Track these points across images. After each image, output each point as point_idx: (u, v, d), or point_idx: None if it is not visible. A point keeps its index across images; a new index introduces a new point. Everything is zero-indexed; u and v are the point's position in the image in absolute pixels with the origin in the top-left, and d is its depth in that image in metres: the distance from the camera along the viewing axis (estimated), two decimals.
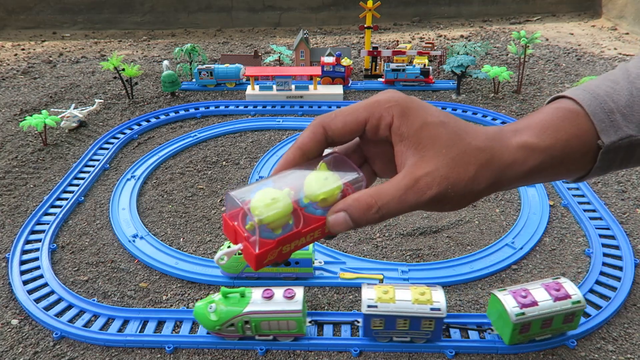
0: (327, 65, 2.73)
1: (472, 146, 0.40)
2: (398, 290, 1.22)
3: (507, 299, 1.19)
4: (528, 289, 1.21)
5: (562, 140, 0.40)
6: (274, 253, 0.39)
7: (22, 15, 4.31)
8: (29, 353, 1.26)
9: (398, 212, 0.39)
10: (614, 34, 3.82)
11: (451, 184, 0.39)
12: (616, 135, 0.40)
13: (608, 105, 0.40)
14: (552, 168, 0.41)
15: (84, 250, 1.62)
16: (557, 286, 1.21)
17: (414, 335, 1.23)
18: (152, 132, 2.39)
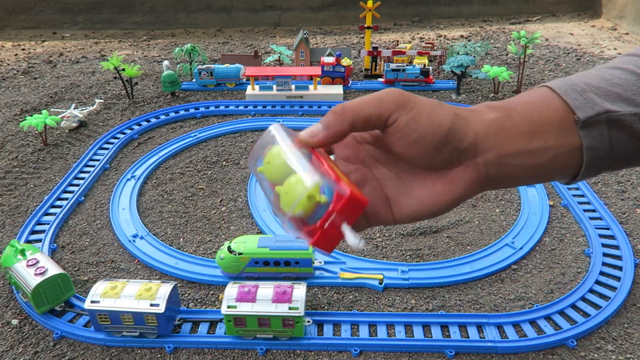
0: (327, 65, 2.73)
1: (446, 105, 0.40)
2: (128, 285, 1.26)
3: (232, 290, 1.24)
4: (259, 286, 1.26)
5: (524, 102, 0.40)
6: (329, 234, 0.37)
7: (22, 15, 4.31)
8: (29, 353, 1.26)
9: (360, 109, 0.38)
10: (614, 34, 3.82)
11: (414, 98, 0.38)
12: (592, 110, 0.38)
13: (579, 86, 0.40)
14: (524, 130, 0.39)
15: (84, 250, 1.62)
16: (286, 289, 1.25)
17: (143, 330, 1.25)
18: (152, 132, 2.40)
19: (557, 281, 1.45)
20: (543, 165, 0.39)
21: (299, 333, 1.25)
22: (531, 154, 0.39)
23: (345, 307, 1.38)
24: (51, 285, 1.33)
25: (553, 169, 0.40)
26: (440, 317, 1.32)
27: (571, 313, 1.33)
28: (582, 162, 0.39)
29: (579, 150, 0.39)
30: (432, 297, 1.41)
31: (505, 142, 0.39)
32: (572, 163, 0.39)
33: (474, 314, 1.34)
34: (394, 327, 1.31)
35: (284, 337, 1.26)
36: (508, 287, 1.44)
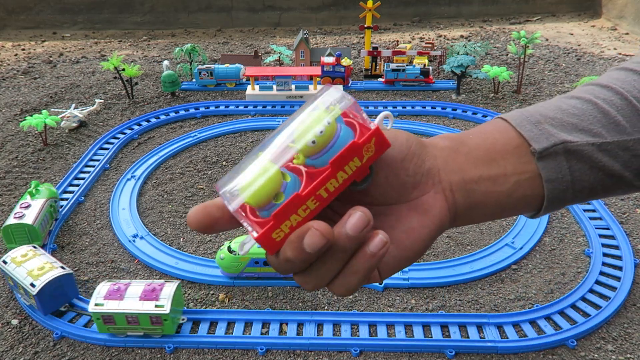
0: (327, 65, 2.73)
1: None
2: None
3: (103, 289, 1.26)
4: (130, 284, 1.28)
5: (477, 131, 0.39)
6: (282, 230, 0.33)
7: (22, 15, 4.31)
8: (29, 353, 1.26)
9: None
10: (613, 34, 3.82)
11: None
12: (548, 141, 0.37)
13: (534, 117, 0.39)
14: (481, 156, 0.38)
15: (84, 250, 1.62)
16: (155, 287, 1.26)
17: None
18: (152, 132, 2.40)
19: (557, 281, 1.45)
20: (507, 193, 0.38)
21: (169, 330, 1.26)
22: (493, 180, 0.38)
23: (345, 307, 1.38)
24: (19, 230, 1.55)
25: (518, 198, 0.38)
26: (440, 317, 1.32)
27: (571, 313, 1.33)
28: (543, 196, 0.38)
29: (539, 178, 0.37)
30: (432, 297, 1.41)
31: (464, 166, 0.38)
32: (535, 192, 0.38)
33: (474, 314, 1.34)
34: (394, 327, 1.31)
35: (156, 335, 1.27)
36: (508, 287, 1.44)
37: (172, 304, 1.24)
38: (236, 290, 1.44)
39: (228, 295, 1.43)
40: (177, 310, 1.30)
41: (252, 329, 1.31)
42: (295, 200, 0.33)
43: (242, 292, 1.44)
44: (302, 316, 1.34)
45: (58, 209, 1.75)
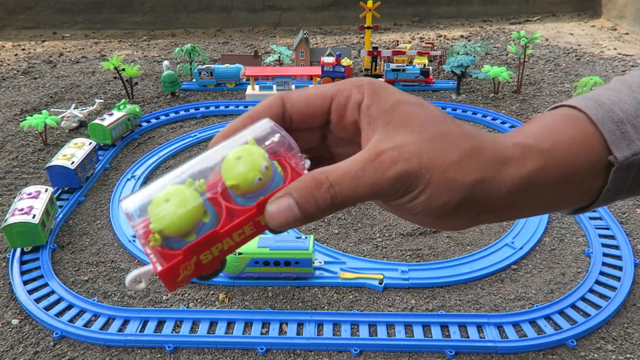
0: (327, 65, 2.73)
1: (456, 130, 0.32)
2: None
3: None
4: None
5: (564, 143, 0.33)
6: (188, 266, 0.29)
7: (22, 15, 4.31)
8: (29, 353, 1.26)
9: (354, 194, 0.30)
10: (613, 34, 3.82)
11: (425, 164, 0.30)
12: (629, 149, 0.33)
13: (616, 114, 0.34)
14: (558, 179, 0.33)
15: (84, 250, 1.62)
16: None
17: None
18: (152, 132, 2.39)
19: (557, 281, 1.45)
20: (553, 208, 0.35)
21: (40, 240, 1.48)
22: (546, 203, 0.34)
23: (345, 307, 1.38)
24: (98, 129, 2.16)
25: (560, 208, 0.36)
26: (440, 317, 1.32)
27: (571, 313, 1.33)
28: (593, 200, 0.35)
29: (597, 190, 0.34)
30: (432, 297, 1.41)
31: (525, 200, 0.33)
32: (584, 201, 0.35)
33: (474, 314, 1.34)
34: (394, 327, 1.31)
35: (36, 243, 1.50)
36: (508, 287, 1.44)
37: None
38: (236, 290, 1.44)
39: (228, 295, 1.43)
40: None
41: (252, 329, 1.31)
42: (211, 237, 0.30)
43: (242, 292, 1.44)
44: (302, 316, 1.34)
45: (135, 123, 2.30)
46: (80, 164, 1.87)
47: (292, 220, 0.31)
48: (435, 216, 0.32)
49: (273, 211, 0.31)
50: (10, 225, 1.51)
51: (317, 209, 0.31)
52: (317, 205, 0.31)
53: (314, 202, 0.30)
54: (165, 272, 0.29)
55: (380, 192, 0.31)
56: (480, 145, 0.32)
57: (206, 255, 0.30)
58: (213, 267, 0.31)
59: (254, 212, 0.31)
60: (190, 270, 0.30)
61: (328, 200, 0.30)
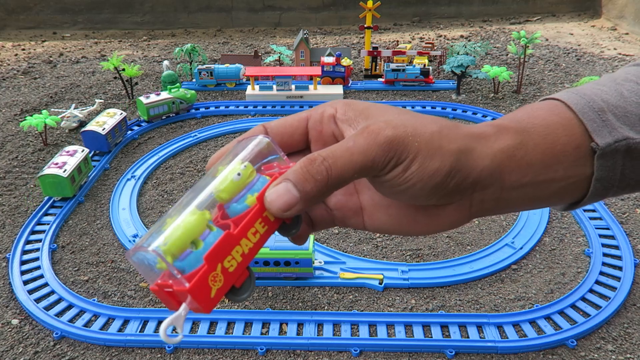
0: (327, 65, 2.73)
1: (432, 117, 0.35)
2: None
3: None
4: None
5: (541, 125, 0.34)
6: (217, 277, 0.29)
7: (22, 15, 4.31)
8: (29, 353, 1.26)
9: (349, 163, 0.31)
10: (613, 34, 3.82)
11: (411, 133, 0.32)
12: (611, 136, 0.33)
13: (597, 104, 0.35)
14: (538, 159, 0.34)
15: (84, 250, 1.62)
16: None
17: None
18: (152, 132, 2.40)
19: (557, 281, 1.45)
20: (546, 197, 0.35)
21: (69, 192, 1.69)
22: (536, 186, 0.35)
23: (345, 307, 1.38)
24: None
25: (554, 199, 0.36)
26: (440, 317, 1.32)
27: (571, 313, 1.33)
28: (587, 192, 0.35)
29: (587, 180, 0.34)
30: (432, 297, 1.41)
31: (511, 175, 0.34)
32: (576, 193, 0.35)
33: (474, 314, 1.34)
34: (394, 327, 1.31)
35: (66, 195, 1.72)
36: (508, 287, 1.44)
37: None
38: None
39: None
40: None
41: (252, 329, 1.31)
42: (227, 239, 0.30)
43: None
44: (302, 316, 1.34)
45: (181, 107, 2.48)
46: (110, 130, 2.14)
47: (292, 201, 0.31)
48: (431, 191, 0.33)
49: (272, 196, 0.32)
50: (44, 175, 1.78)
51: (315, 184, 0.31)
52: (314, 181, 0.31)
53: (310, 178, 0.31)
54: (195, 287, 0.28)
55: (375, 160, 0.31)
56: (454, 124, 0.34)
57: (230, 262, 0.30)
58: (243, 277, 0.31)
59: (258, 206, 0.31)
60: (221, 282, 0.30)
61: (324, 172, 0.31)
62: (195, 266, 0.29)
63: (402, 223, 0.37)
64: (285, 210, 0.32)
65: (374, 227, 0.38)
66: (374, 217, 0.37)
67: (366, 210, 0.38)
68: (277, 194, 0.32)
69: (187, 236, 0.29)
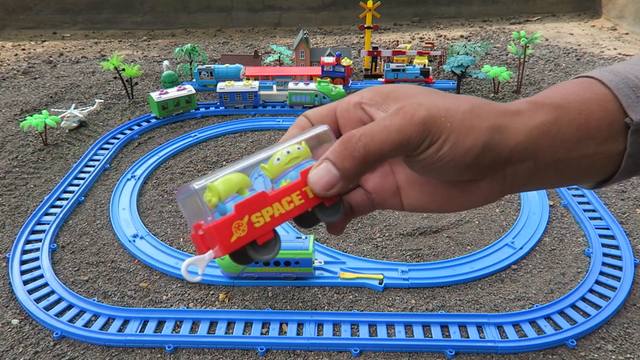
0: (327, 65, 2.73)
1: (465, 97, 0.35)
2: None
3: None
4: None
5: (576, 101, 0.34)
6: (241, 226, 0.32)
7: (22, 15, 4.31)
8: (29, 353, 1.26)
9: (386, 140, 0.33)
10: (614, 34, 3.82)
11: (443, 114, 0.33)
12: None
13: (632, 80, 0.35)
14: (573, 135, 0.34)
15: (84, 250, 1.62)
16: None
17: None
18: (152, 132, 2.40)
19: (557, 281, 1.45)
20: (576, 172, 0.35)
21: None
22: (569, 162, 0.35)
23: (345, 307, 1.38)
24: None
25: (585, 175, 0.36)
26: (440, 317, 1.32)
27: (571, 313, 1.33)
28: (617, 168, 0.35)
29: (619, 155, 0.35)
30: (432, 297, 1.41)
31: (545, 151, 0.34)
32: (607, 170, 0.36)
33: (474, 314, 1.34)
34: (394, 327, 1.31)
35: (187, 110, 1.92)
36: (508, 287, 1.43)
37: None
38: (236, 290, 1.44)
39: (228, 295, 1.43)
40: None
41: (252, 329, 1.31)
42: (260, 197, 0.32)
43: (242, 292, 1.44)
44: (302, 316, 1.34)
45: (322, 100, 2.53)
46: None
47: (333, 180, 0.34)
48: (464, 168, 0.34)
49: (314, 178, 0.34)
50: (150, 96, 2.42)
51: (354, 162, 0.33)
52: (352, 158, 0.33)
53: (348, 156, 0.33)
54: (217, 227, 0.31)
55: (410, 139, 0.33)
56: (488, 102, 0.35)
57: (258, 218, 0.33)
58: (267, 237, 0.33)
59: (299, 180, 0.34)
60: (244, 232, 0.32)
61: (361, 149, 0.33)
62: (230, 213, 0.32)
63: (437, 200, 0.38)
64: (327, 190, 0.34)
65: (411, 206, 0.39)
66: (410, 195, 0.39)
67: (403, 190, 0.39)
68: (318, 175, 0.34)
69: (234, 184, 0.33)
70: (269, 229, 0.33)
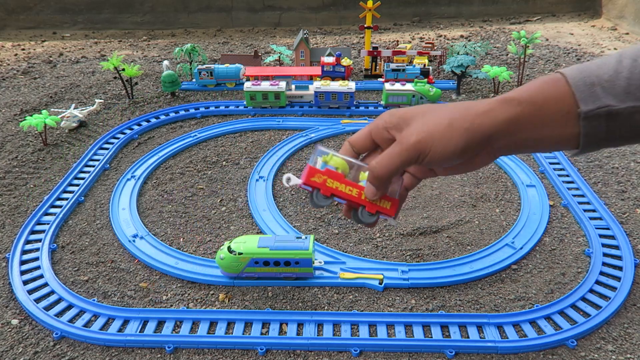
0: (327, 65, 2.73)
1: (446, 107, 0.51)
2: None
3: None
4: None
5: (541, 98, 0.47)
6: (321, 177, 0.55)
7: (22, 15, 4.31)
8: (29, 353, 1.26)
9: (392, 165, 0.51)
10: (614, 34, 3.82)
11: (428, 135, 0.49)
12: (594, 104, 0.44)
13: (590, 78, 0.45)
14: (535, 123, 0.47)
15: (84, 250, 1.62)
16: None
17: None
18: (152, 132, 2.40)
19: (557, 281, 1.45)
20: (548, 146, 0.48)
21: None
22: (537, 141, 0.48)
23: (345, 307, 1.38)
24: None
25: (555, 147, 0.49)
26: (440, 317, 1.32)
27: (571, 313, 1.33)
28: (577, 146, 0.47)
29: (578, 136, 0.46)
30: (432, 297, 1.41)
31: (514, 133, 0.47)
32: (571, 145, 0.48)
33: (474, 314, 1.34)
34: (394, 327, 1.31)
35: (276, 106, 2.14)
36: (508, 287, 1.43)
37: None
38: (236, 290, 1.44)
39: (228, 295, 1.43)
40: None
41: (252, 329, 1.31)
42: (335, 174, 0.55)
43: (242, 292, 1.44)
44: (302, 316, 1.34)
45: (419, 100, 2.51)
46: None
47: (373, 191, 0.54)
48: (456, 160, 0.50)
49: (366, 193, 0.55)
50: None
51: (378, 181, 0.53)
52: (376, 179, 0.53)
53: (373, 178, 0.53)
54: (310, 168, 0.56)
55: (408, 158, 0.50)
56: (465, 109, 0.49)
57: (331, 183, 0.56)
58: (326, 193, 0.56)
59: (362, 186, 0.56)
60: (320, 180, 0.55)
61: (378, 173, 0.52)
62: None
63: (454, 169, 0.54)
64: (371, 197, 0.55)
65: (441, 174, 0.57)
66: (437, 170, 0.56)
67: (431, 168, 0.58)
68: (367, 190, 0.55)
69: (342, 163, 0.56)
70: (331, 191, 0.55)
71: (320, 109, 2.56)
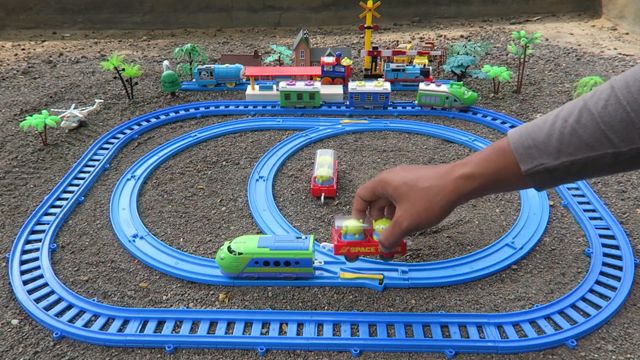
0: (327, 65, 2.73)
1: (423, 189, 0.74)
2: None
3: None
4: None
5: (492, 169, 0.65)
6: (346, 249, 0.80)
7: (22, 15, 4.31)
8: (29, 353, 1.26)
9: (392, 238, 0.81)
10: (614, 34, 3.82)
11: (416, 217, 0.76)
12: (532, 163, 0.60)
13: (528, 142, 0.61)
14: (493, 187, 0.66)
15: (84, 250, 1.62)
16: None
17: None
18: (152, 132, 2.40)
19: (557, 281, 1.45)
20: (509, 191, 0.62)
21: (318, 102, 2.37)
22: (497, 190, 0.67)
23: (345, 307, 1.38)
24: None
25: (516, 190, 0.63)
26: (440, 317, 1.32)
27: (571, 313, 1.33)
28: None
29: (528, 184, 0.63)
30: (432, 297, 1.41)
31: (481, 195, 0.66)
32: (530, 187, 0.65)
33: (474, 314, 1.34)
34: (394, 327, 1.30)
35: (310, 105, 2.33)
36: (508, 287, 1.43)
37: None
38: (236, 290, 1.44)
39: (228, 295, 1.43)
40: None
41: (252, 329, 1.31)
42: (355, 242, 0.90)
43: (242, 292, 1.44)
44: (302, 316, 1.34)
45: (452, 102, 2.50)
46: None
47: (384, 250, 0.91)
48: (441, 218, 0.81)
49: (380, 247, 0.88)
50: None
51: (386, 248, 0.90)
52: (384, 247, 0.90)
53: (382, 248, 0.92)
54: (337, 245, 0.93)
55: (405, 234, 0.83)
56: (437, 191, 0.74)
57: (354, 249, 0.87)
58: (353, 255, 0.94)
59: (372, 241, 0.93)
60: (345, 251, 0.92)
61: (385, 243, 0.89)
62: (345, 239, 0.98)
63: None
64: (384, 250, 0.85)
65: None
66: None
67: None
68: (381, 248, 0.84)
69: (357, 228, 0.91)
70: (355, 254, 0.92)
71: (320, 109, 2.56)
